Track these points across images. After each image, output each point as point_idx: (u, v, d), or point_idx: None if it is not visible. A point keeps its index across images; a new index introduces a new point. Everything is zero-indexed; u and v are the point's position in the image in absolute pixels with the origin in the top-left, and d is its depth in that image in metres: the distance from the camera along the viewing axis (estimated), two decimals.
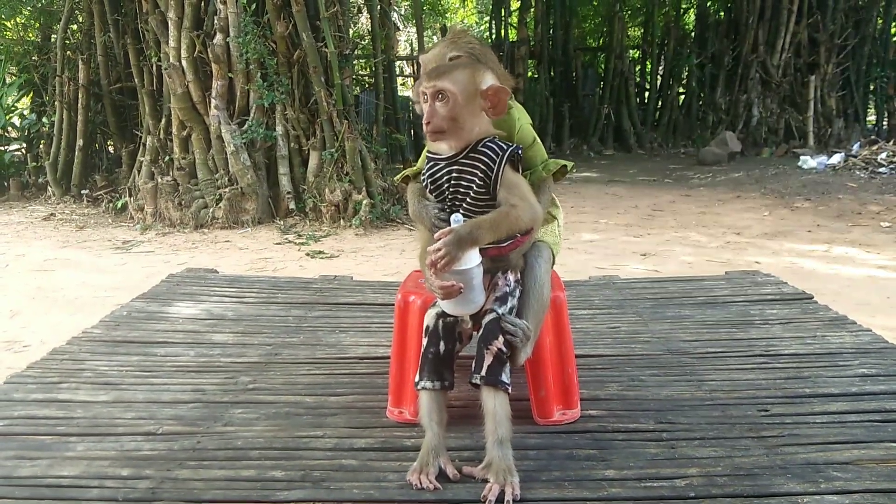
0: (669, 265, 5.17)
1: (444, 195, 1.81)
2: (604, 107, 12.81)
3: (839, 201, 7.61)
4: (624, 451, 1.79)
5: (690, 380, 2.22)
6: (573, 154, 12.51)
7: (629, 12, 13.92)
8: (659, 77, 13.53)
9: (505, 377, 1.72)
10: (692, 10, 14.12)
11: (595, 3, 14.40)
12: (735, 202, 7.90)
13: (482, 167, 1.74)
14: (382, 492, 1.62)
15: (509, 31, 13.06)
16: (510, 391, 1.73)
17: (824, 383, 2.16)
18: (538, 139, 1.95)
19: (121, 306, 3.07)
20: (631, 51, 13.85)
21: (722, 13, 13.29)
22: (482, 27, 16.15)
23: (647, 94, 13.73)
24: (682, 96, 13.48)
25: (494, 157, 1.73)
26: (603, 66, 13.56)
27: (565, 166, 1.94)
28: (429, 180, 1.84)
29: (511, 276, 1.83)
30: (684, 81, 13.42)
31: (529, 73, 13.29)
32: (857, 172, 9.01)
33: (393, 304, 2.11)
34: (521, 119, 1.94)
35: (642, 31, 14.15)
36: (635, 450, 1.80)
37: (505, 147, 1.75)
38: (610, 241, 6.12)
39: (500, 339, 1.73)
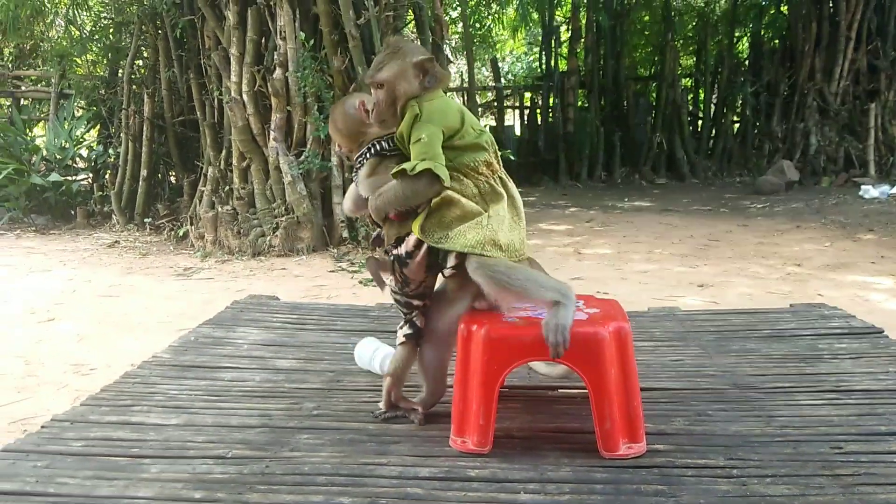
0: (728, 297, 5.07)
1: None
2: (656, 135, 12.70)
3: None
4: (694, 487, 1.75)
5: (759, 415, 2.17)
6: (625, 183, 12.38)
7: (681, 41, 13.85)
8: (712, 106, 13.37)
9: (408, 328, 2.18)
10: (746, 38, 13.96)
11: (647, 33, 14.38)
12: (794, 232, 7.71)
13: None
14: None
15: (559, 62, 13.10)
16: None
17: None
18: (427, 139, 1.88)
19: (188, 331, 3.15)
20: (683, 79, 13.75)
21: (777, 41, 13.10)
22: (532, 58, 16.26)
23: (700, 122, 13.56)
24: (737, 125, 13.28)
25: (364, 159, 2.08)
26: (654, 94, 13.48)
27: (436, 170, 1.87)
28: None
29: (402, 249, 2.08)
30: (738, 110, 13.24)
31: (580, 103, 13.29)
32: None
33: None
34: (421, 118, 1.92)
35: (695, 59, 14.03)
36: (705, 486, 1.75)
37: (370, 147, 2.06)
38: (665, 270, 6.04)
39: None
